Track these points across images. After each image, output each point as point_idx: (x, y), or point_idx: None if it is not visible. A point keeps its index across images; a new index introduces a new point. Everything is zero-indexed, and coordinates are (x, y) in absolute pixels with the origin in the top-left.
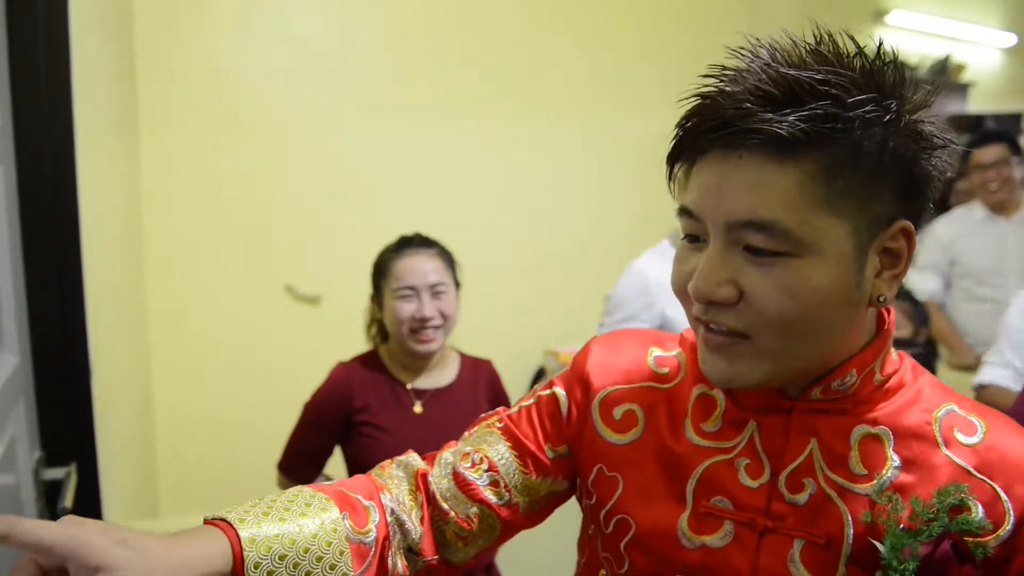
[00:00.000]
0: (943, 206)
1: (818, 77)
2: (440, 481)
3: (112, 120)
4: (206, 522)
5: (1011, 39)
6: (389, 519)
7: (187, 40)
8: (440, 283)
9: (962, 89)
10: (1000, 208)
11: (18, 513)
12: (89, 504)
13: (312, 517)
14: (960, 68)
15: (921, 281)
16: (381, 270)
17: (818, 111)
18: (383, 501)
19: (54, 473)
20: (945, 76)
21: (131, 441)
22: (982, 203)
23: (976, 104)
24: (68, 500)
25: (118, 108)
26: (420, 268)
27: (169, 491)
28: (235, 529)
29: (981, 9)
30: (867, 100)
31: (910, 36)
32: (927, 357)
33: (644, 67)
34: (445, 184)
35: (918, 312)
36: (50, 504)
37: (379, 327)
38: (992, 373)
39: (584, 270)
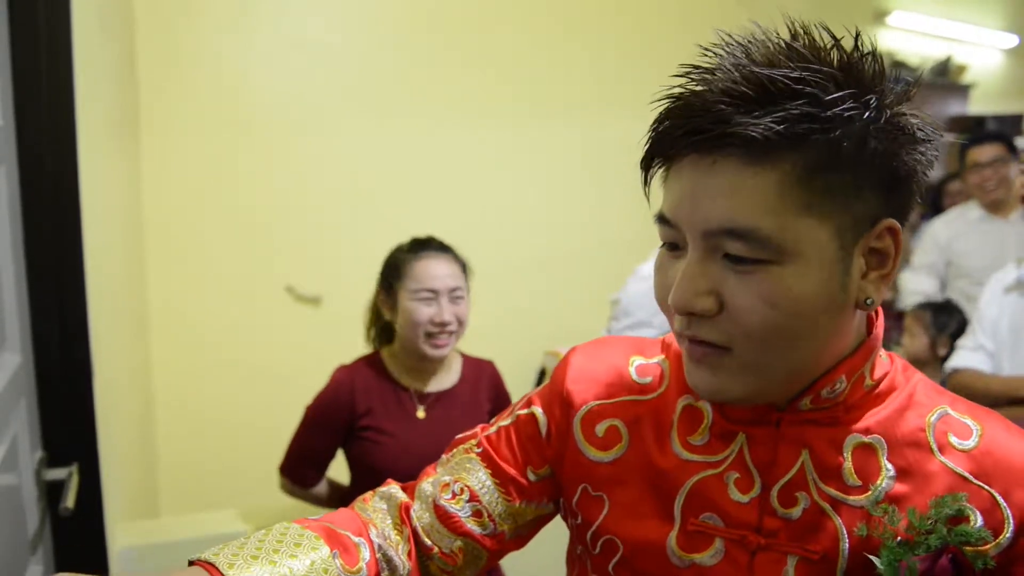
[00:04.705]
0: (935, 208)
1: (793, 75)
2: (421, 515)
3: (113, 120)
4: (192, 563)
5: (1012, 40)
6: (378, 555)
7: (188, 41)
8: (458, 288)
9: (963, 90)
10: (996, 208)
11: (19, 514)
12: (90, 504)
13: (302, 558)
14: (961, 69)
15: (917, 282)
16: (397, 270)
17: (793, 111)
18: (371, 537)
19: (56, 473)
20: (945, 77)
21: (132, 441)
22: (978, 203)
23: (977, 105)
24: (70, 500)
25: (119, 109)
26: (441, 272)
27: (169, 491)
28: (223, 574)
29: (982, 10)
30: (845, 97)
31: (911, 37)
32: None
33: (645, 67)
34: (446, 185)
35: (938, 323)
36: (52, 505)
37: (379, 329)
38: (965, 357)
39: (585, 270)
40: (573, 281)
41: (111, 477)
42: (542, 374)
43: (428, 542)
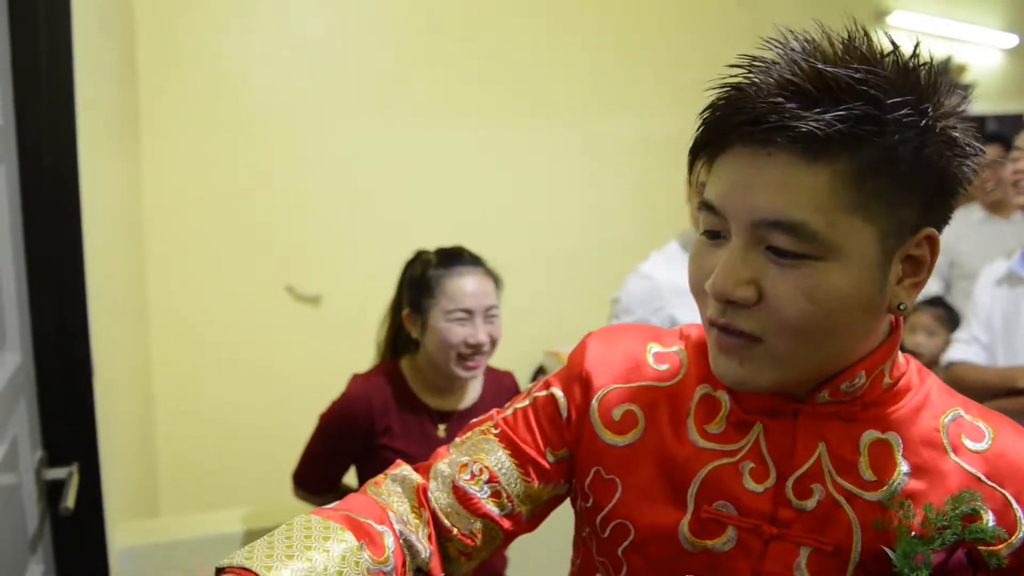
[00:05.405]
0: None
1: (856, 76)
2: (439, 496)
3: (114, 120)
4: (224, 571)
5: (1012, 40)
6: (401, 542)
7: (188, 41)
8: (493, 306)
9: (963, 90)
10: (997, 209)
11: (19, 513)
12: (90, 504)
13: (332, 551)
14: (961, 69)
15: None
16: (428, 287)
17: (856, 111)
18: (392, 523)
19: (56, 473)
20: (945, 77)
21: (132, 441)
22: (980, 204)
23: (977, 105)
24: (70, 500)
25: (120, 108)
26: (478, 290)
27: (169, 491)
28: None
29: (982, 10)
30: (904, 103)
31: (911, 37)
32: None
33: (644, 68)
34: (446, 185)
35: (952, 319)
36: (52, 504)
37: (391, 343)
38: (961, 351)
39: (584, 270)
40: (573, 281)
41: (111, 477)
42: (538, 372)
43: (447, 524)
